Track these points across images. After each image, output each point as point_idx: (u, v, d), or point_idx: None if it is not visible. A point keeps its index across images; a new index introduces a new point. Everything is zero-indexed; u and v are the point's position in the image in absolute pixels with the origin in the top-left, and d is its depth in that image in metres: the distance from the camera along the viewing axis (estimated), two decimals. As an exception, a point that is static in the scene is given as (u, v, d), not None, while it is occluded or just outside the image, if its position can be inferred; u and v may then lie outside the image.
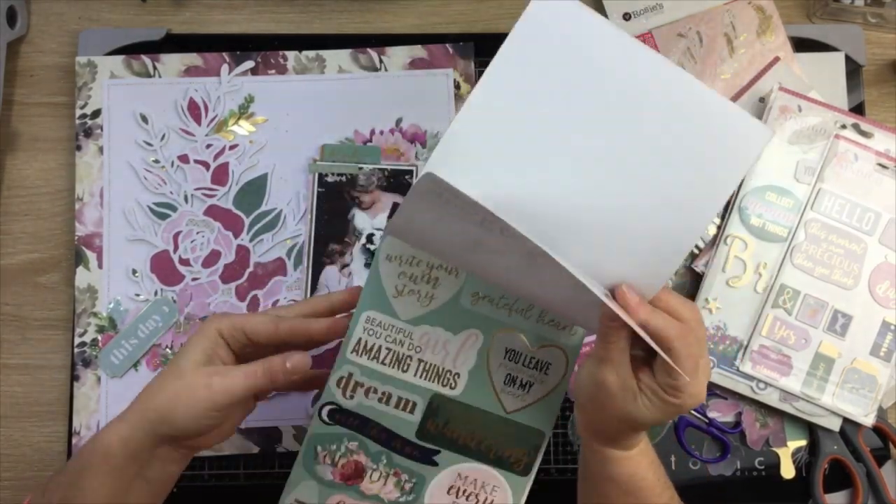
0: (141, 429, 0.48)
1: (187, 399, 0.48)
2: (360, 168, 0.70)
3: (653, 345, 0.45)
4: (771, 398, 0.66)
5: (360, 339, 0.54)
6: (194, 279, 0.69)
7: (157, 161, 0.70)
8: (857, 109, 0.72)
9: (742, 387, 0.66)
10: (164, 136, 0.70)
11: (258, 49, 0.72)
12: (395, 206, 0.69)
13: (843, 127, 0.68)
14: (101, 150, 0.70)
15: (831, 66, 0.73)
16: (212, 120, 0.71)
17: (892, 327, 0.66)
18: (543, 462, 0.57)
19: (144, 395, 0.49)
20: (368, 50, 0.72)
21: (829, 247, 0.66)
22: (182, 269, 0.69)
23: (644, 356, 0.48)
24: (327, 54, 0.72)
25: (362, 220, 0.69)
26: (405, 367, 0.55)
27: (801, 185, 0.67)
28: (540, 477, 0.55)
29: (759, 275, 0.67)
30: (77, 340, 0.67)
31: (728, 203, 0.69)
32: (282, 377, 0.50)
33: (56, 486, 0.49)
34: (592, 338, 0.69)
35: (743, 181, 0.67)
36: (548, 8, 0.43)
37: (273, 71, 0.72)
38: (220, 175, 0.70)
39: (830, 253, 0.66)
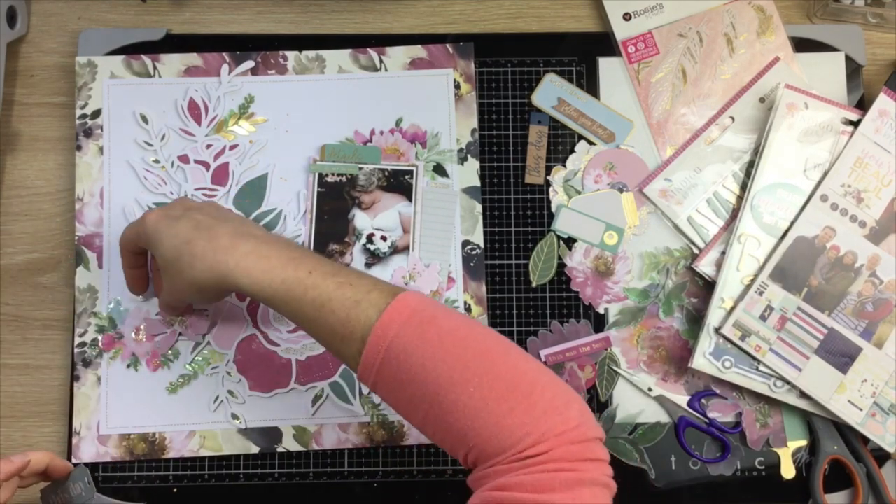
0: None
1: None
2: (360, 168, 0.70)
3: None
4: (788, 397, 0.66)
5: None
6: (194, 279, 0.69)
7: (157, 161, 0.70)
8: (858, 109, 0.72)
9: (759, 385, 0.66)
10: (164, 136, 0.70)
11: (258, 49, 0.72)
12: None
13: (849, 123, 0.68)
14: (101, 150, 0.70)
15: (831, 66, 0.73)
16: (212, 120, 0.71)
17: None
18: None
19: None
20: (368, 50, 0.72)
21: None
22: (182, 269, 0.69)
23: None
24: (327, 54, 0.72)
25: (362, 220, 0.69)
26: None
27: (811, 182, 0.67)
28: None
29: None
30: (77, 340, 0.67)
31: (739, 202, 0.69)
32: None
33: None
34: (590, 339, 0.69)
35: (753, 179, 0.67)
36: None
37: (273, 71, 0.72)
38: (221, 175, 0.70)
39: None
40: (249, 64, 0.72)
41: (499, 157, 0.71)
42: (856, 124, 0.68)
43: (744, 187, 0.69)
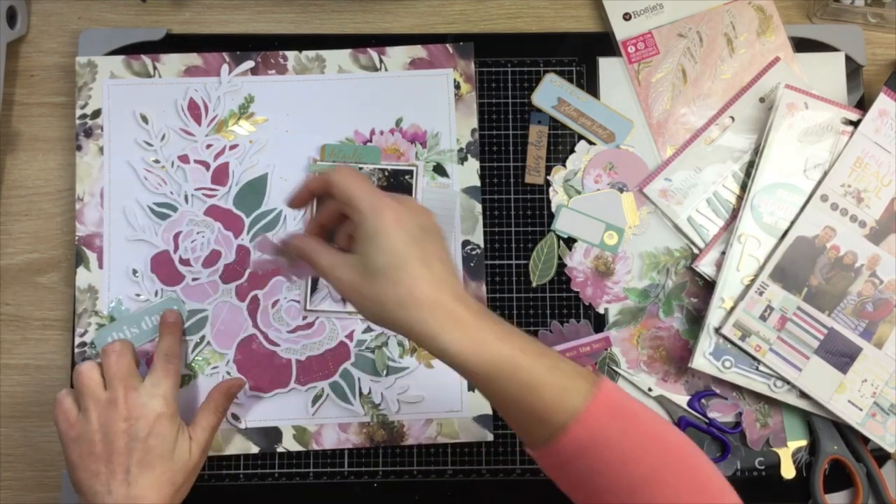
0: None
1: None
2: (361, 168, 0.70)
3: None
4: (788, 397, 0.66)
5: None
6: (194, 279, 0.69)
7: (157, 161, 0.70)
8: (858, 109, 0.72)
9: (759, 385, 0.66)
10: (164, 136, 0.70)
11: (258, 49, 0.72)
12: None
13: (850, 123, 0.68)
14: (101, 150, 0.70)
15: (831, 66, 0.73)
16: (212, 120, 0.71)
17: None
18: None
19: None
20: (368, 50, 0.72)
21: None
22: (182, 269, 0.69)
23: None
24: (327, 54, 0.72)
25: (362, 220, 0.69)
26: None
27: (811, 182, 0.67)
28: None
29: (766, 274, 0.67)
30: (77, 340, 0.67)
31: (739, 202, 0.69)
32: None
33: None
34: (590, 339, 0.69)
35: (754, 179, 0.67)
36: None
37: (273, 71, 0.72)
38: (221, 175, 0.70)
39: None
40: (249, 64, 0.72)
41: (499, 157, 0.71)
42: (856, 124, 0.68)
43: (744, 187, 0.69)
